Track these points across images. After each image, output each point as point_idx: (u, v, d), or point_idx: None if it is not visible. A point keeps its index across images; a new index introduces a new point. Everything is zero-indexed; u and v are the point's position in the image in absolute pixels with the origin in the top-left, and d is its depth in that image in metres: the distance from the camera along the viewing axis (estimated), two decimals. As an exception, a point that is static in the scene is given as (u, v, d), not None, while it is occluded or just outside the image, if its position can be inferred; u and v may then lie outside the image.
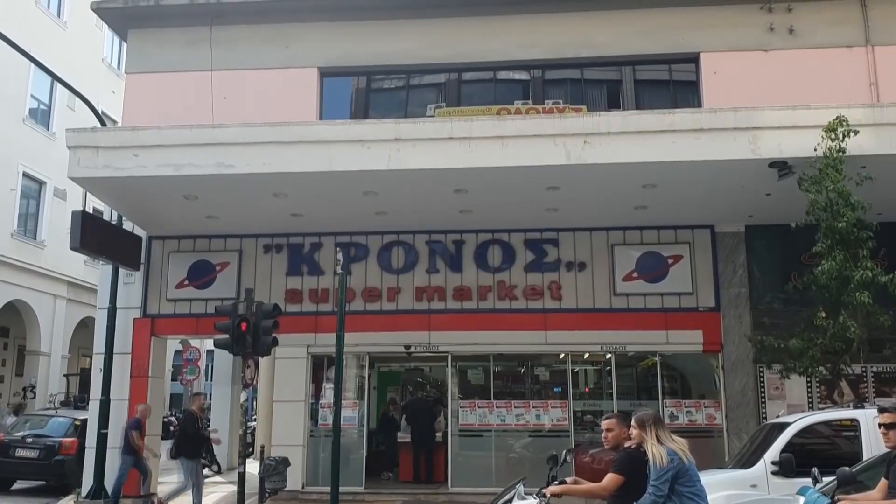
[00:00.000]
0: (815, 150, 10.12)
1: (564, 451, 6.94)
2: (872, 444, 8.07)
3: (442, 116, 13.42)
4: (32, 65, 15.77)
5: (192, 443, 12.37)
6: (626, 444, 5.95)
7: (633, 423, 5.86)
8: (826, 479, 6.66)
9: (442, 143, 11.14)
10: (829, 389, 12.25)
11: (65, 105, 22.93)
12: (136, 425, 12.72)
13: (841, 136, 10.06)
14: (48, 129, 22.71)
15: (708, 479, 8.58)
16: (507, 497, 6.22)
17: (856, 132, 10.11)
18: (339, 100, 14.82)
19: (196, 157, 11.32)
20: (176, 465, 17.33)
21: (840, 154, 9.98)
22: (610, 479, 5.82)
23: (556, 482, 6.22)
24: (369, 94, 15.14)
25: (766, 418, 12.49)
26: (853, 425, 8.65)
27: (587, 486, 6.12)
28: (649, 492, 5.53)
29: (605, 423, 6.24)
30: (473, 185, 11.77)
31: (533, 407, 13.86)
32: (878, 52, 13.50)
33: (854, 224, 9.82)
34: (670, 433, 5.77)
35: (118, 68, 24.82)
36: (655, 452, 5.59)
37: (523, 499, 6.04)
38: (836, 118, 10.19)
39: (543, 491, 6.06)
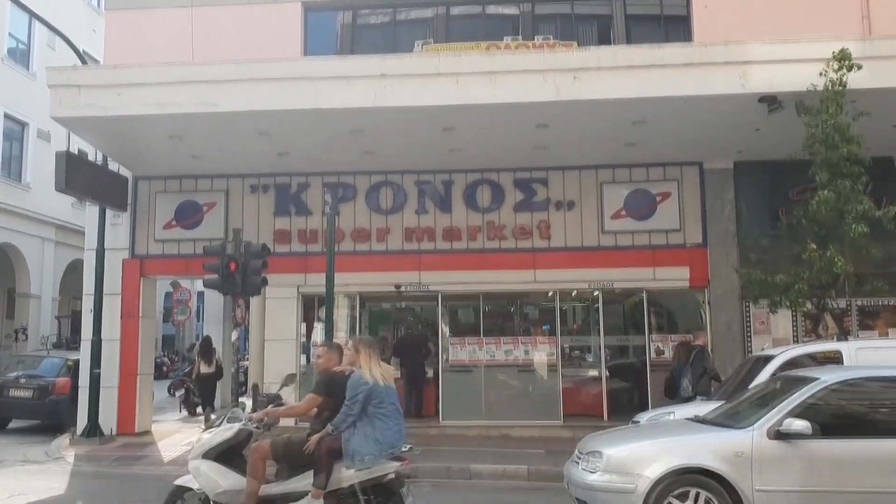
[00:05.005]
0: (820, 76, 10.07)
1: (283, 378, 7.30)
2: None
3: (430, 52, 13.20)
4: (9, 2, 15.37)
5: (706, 382, 10.69)
6: (337, 368, 6.56)
7: (349, 345, 6.54)
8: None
9: (430, 79, 10.99)
10: (813, 323, 12.43)
11: (45, 44, 22.40)
12: None
13: (845, 69, 10.01)
14: (28, 70, 22.25)
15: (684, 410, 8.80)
16: (219, 421, 6.71)
17: (859, 66, 10.04)
18: (324, 36, 14.53)
19: (179, 96, 11.15)
20: (167, 404, 17.57)
21: (841, 87, 9.96)
22: (307, 399, 6.60)
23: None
24: (355, 30, 14.85)
25: (751, 352, 12.70)
26: (837, 357, 8.83)
27: (285, 407, 6.88)
28: (342, 410, 6.14)
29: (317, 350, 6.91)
30: (462, 123, 11.65)
31: (521, 343, 14.03)
32: (871, -15, 13.30)
33: (847, 158, 9.82)
34: (379, 360, 6.34)
35: (98, 6, 24.20)
36: (360, 374, 6.18)
37: (231, 423, 6.54)
38: (840, 51, 10.11)
39: (249, 416, 6.60)
